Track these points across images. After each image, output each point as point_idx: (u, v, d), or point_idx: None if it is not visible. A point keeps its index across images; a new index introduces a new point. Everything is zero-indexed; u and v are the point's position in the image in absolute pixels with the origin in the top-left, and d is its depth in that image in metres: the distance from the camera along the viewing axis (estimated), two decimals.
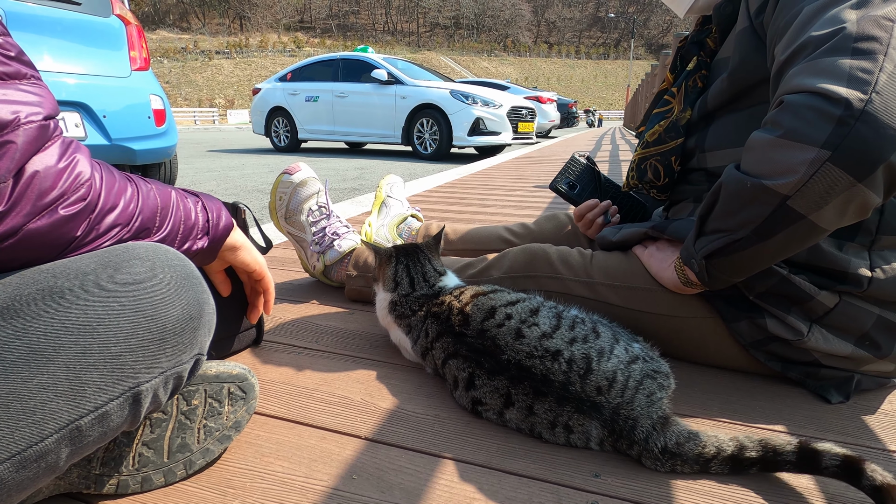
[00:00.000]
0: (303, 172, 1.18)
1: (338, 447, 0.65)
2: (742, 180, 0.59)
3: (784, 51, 0.59)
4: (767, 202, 0.57)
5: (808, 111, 0.53)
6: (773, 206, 0.57)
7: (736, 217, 0.61)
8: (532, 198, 2.82)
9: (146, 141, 2.72)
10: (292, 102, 7.66)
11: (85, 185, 0.46)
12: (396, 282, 0.84)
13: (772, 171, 0.56)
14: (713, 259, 0.66)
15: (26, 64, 0.45)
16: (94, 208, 0.47)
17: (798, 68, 0.56)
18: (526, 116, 7.51)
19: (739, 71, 0.72)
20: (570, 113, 18.33)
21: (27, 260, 0.44)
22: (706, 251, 0.66)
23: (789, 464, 0.56)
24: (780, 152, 0.55)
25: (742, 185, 0.59)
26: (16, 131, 0.41)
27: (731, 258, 0.64)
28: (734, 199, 0.61)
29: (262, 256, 0.77)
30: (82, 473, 0.53)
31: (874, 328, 0.70)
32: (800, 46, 0.57)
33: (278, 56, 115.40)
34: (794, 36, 0.59)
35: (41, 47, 2.36)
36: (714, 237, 0.65)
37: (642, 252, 0.85)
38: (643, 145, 0.87)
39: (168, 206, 0.57)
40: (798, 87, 0.54)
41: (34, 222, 0.43)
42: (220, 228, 0.65)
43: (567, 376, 0.63)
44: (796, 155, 0.53)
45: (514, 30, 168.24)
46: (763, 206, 0.58)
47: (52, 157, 0.44)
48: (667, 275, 0.78)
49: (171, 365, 0.49)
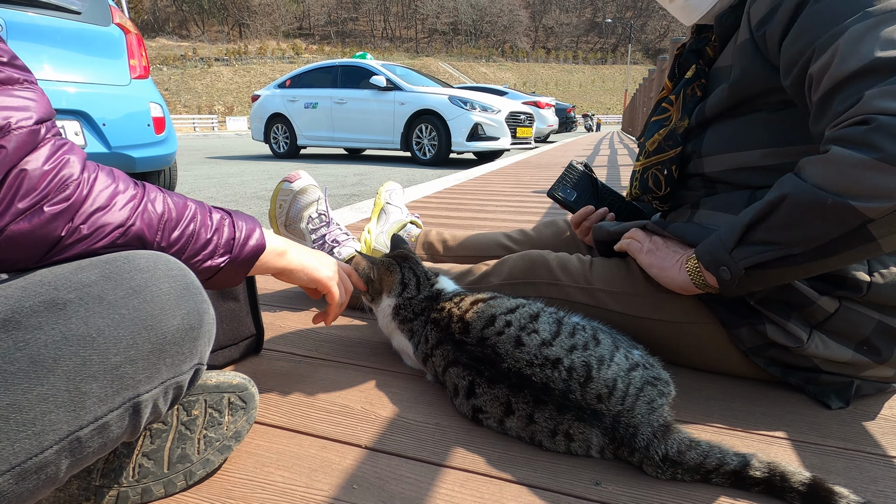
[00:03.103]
0: (303, 180, 1.19)
1: (338, 456, 0.65)
2: (819, 195, 0.55)
3: (838, 67, 0.57)
4: (847, 222, 0.55)
5: None
6: (851, 226, 0.55)
7: (797, 231, 0.58)
8: (531, 203, 2.83)
9: (146, 149, 2.72)
10: (291, 109, 7.68)
11: (72, 185, 0.46)
12: (404, 284, 0.83)
13: (862, 192, 0.53)
14: (755, 270, 0.63)
15: (19, 68, 0.45)
16: (78, 208, 0.47)
17: (879, 91, 0.53)
18: (524, 121, 7.53)
19: (740, 83, 0.72)
20: (568, 118, 18.38)
21: (14, 260, 0.45)
22: (750, 262, 0.62)
23: (797, 494, 0.54)
24: (875, 175, 0.53)
25: (819, 201, 0.55)
26: (7, 136, 0.42)
27: (775, 272, 0.62)
28: (802, 212, 0.57)
29: (329, 268, 0.76)
30: (82, 485, 0.53)
31: (874, 333, 0.70)
32: (868, 68, 0.55)
33: (277, 63, 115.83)
34: (847, 56, 0.56)
35: (41, 56, 2.37)
36: (763, 248, 0.61)
37: (638, 249, 0.80)
38: (644, 155, 0.87)
39: (181, 218, 0.55)
40: (890, 111, 0.53)
41: (17, 223, 0.43)
42: (247, 249, 0.62)
43: (567, 384, 0.63)
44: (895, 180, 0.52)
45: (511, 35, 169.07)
46: (840, 225, 0.55)
47: (40, 160, 0.44)
48: (673, 274, 0.75)
49: (170, 375, 0.49)
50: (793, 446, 0.67)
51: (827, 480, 0.54)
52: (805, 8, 0.62)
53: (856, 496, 0.52)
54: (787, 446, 0.67)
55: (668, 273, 0.76)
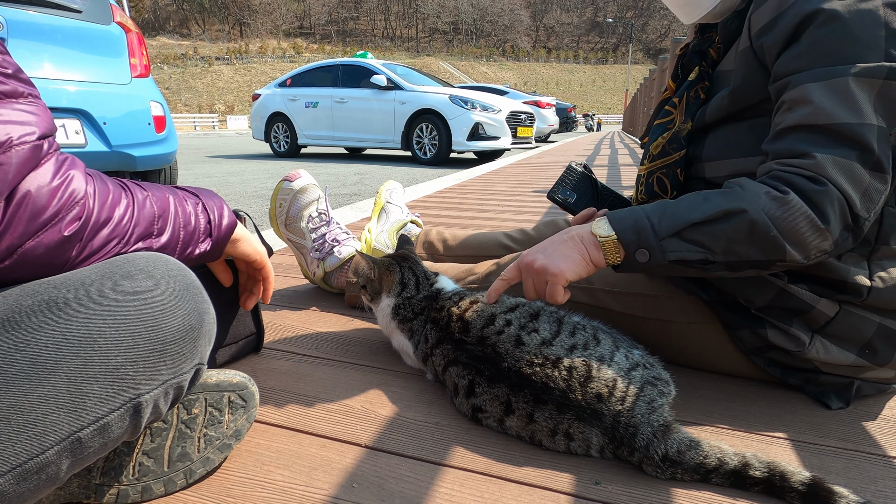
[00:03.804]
0: (303, 179, 1.19)
1: (338, 455, 0.65)
2: (768, 225, 0.60)
3: (809, 111, 0.61)
4: (769, 255, 0.61)
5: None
6: (769, 259, 0.62)
7: (730, 244, 0.61)
8: (531, 203, 2.83)
9: (146, 147, 2.72)
10: (292, 108, 7.68)
11: (80, 202, 0.46)
12: (404, 284, 0.84)
13: (796, 240, 0.60)
14: (674, 264, 0.64)
15: (24, 82, 0.45)
16: (88, 224, 0.47)
17: (833, 159, 0.60)
18: (525, 121, 7.52)
19: (740, 90, 0.72)
20: (568, 117, 18.36)
21: (27, 279, 0.44)
22: (678, 257, 0.63)
23: (796, 494, 0.54)
24: (812, 234, 0.60)
25: (765, 229, 0.60)
26: (8, 152, 0.41)
27: (683, 268, 0.65)
28: (749, 231, 0.61)
29: (262, 246, 0.76)
30: (82, 483, 0.53)
31: (875, 337, 0.70)
32: (831, 128, 0.60)
33: (278, 62, 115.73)
34: (821, 106, 0.61)
35: (42, 55, 2.36)
36: (693, 248, 0.63)
37: (527, 272, 0.71)
38: (649, 159, 0.87)
39: (166, 214, 0.56)
40: (839, 185, 0.61)
41: (30, 242, 0.43)
42: (224, 229, 0.65)
43: (567, 383, 0.63)
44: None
45: (512, 35, 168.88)
46: (763, 253, 0.61)
47: (46, 176, 0.44)
48: (576, 257, 0.67)
49: (171, 375, 0.49)
50: (793, 446, 0.67)
51: (827, 480, 0.54)
52: (807, 30, 0.63)
53: (855, 496, 0.52)
54: (786, 446, 0.67)
55: (571, 258, 0.68)
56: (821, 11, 0.61)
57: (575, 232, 0.70)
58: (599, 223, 0.68)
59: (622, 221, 0.66)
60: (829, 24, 0.61)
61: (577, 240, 0.69)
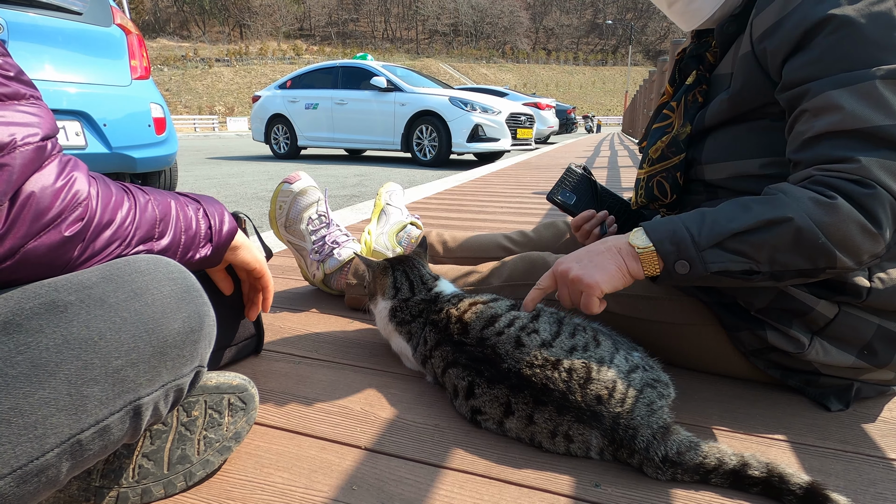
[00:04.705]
0: (303, 181, 1.19)
1: (338, 457, 0.65)
2: (816, 233, 0.58)
3: (838, 118, 0.60)
4: (818, 263, 0.60)
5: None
6: (817, 267, 0.60)
7: (775, 253, 0.60)
8: (531, 205, 2.83)
9: (146, 149, 2.72)
10: (292, 110, 7.68)
11: (82, 203, 0.46)
12: (396, 287, 0.84)
13: (847, 246, 0.59)
14: (717, 275, 0.62)
15: (25, 84, 0.45)
16: (91, 226, 0.47)
17: (878, 162, 0.59)
18: (525, 123, 7.52)
19: (740, 94, 0.72)
20: (568, 119, 18.35)
21: (28, 280, 0.44)
22: (720, 268, 0.61)
23: (794, 496, 0.54)
24: (864, 239, 0.58)
25: (813, 237, 0.58)
26: (12, 153, 0.41)
27: (729, 279, 0.63)
28: (795, 240, 0.59)
29: (262, 254, 0.77)
30: (82, 486, 0.53)
31: (875, 338, 0.70)
32: (867, 132, 0.59)
33: (278, 64, 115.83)
34: (851, 111, 0.60)
35: (43, 57, 2.37)
36: (736, 258, 0.61)
37: (563, 280, 0.70)
38: (648, 162, 0.87)
39: (168, 218, 0.57)
40: (889, 187, 0.59)
41: (32, 242, 0.43)
42: (224, 235, 0.65)
43: (567, 385, 0.63)
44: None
45: (512, 37, 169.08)
46: (811, 262, 0.60)
47: (50, 177, 0.44)
48: (618, 264, 0.67)
49: (171, 378, 0.49)
50: (792, 448, 0.67)
51: (825, 486, 0.54)
52: (818, 37, 0.62)
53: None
54: (786, 448, 0.67)
55: (608, 270, 0.67)
56: (833, 17, 0.60)
57: (612, 242, 0.68)
58: (637, 234, 0.67)
59: (659, 232, 0.65)
60: (842, 29, 0.60)
61: (615, 251, 0.67)
